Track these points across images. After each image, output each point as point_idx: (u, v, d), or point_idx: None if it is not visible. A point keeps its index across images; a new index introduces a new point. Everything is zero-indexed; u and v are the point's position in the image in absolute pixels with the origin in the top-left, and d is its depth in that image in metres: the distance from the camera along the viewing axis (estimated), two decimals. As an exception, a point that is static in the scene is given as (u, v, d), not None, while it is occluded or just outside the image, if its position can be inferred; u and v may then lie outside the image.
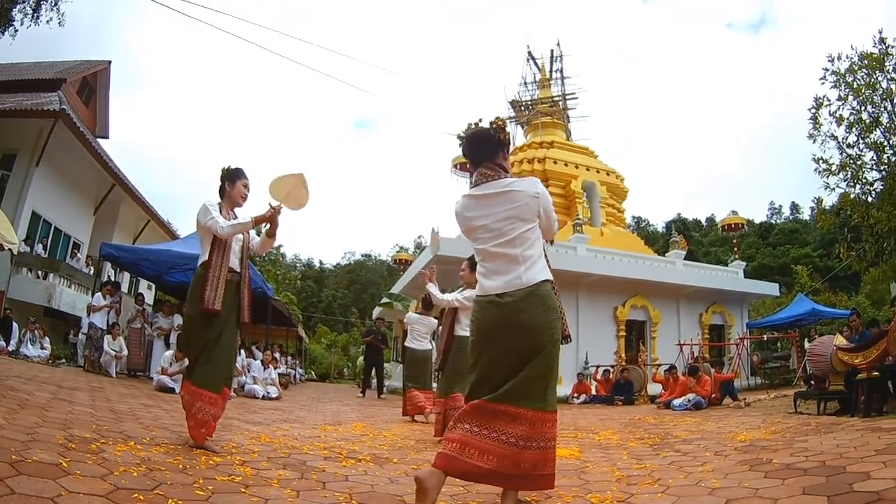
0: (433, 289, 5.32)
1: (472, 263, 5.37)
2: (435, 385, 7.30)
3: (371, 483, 3.18)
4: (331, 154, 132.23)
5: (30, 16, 14.73)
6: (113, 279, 14.44)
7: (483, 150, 2.83)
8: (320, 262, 72.47)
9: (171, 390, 8.41)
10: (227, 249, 3.90)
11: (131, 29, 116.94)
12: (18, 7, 14.54)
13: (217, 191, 4.17)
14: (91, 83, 19.96)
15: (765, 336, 19.14)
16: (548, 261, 2.81)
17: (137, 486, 2.47)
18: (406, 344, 8.17)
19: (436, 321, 6.90)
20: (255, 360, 11.76)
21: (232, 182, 4.12)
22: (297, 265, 64.66)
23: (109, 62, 20.64)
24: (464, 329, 5.61)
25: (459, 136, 2.91)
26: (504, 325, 2.61)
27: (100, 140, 19.54)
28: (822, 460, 3.48)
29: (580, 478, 3.52)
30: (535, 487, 2.69)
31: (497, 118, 2.92)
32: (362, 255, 73.66)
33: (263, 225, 3.94)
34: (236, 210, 4.12)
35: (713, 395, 10.41)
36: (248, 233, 4.10)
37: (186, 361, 9.16)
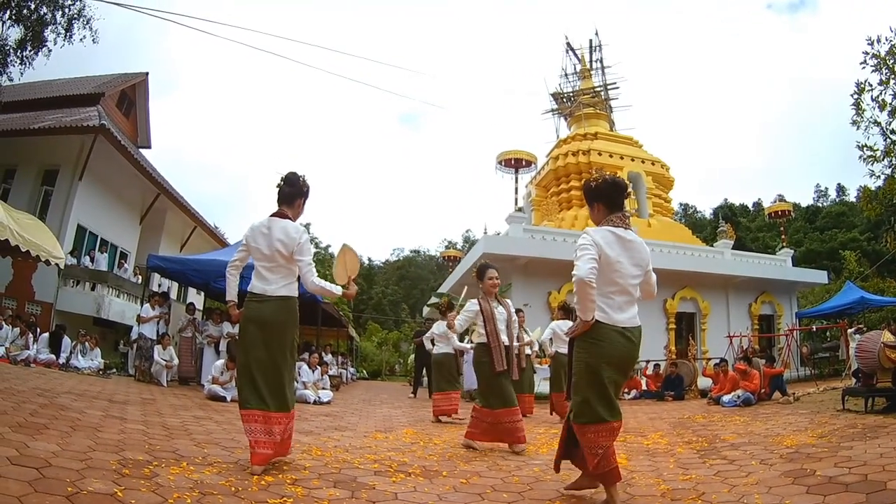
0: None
1: (479, 272, 5.63)
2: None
3: (420, 501, 3.21)
4: (376, 151, 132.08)
5: (63, 35, 14.90)
6: (161, 289, 14.71)
7: (620, 199, 3.37)
8: (369, 260, 71.90)
9: (223, 399, 8.54)
10: None
11: (163, 38, 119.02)
12: (51, 27, 14.75)
13: (282, 194, 3.93)
14: (130, 95, 20.40)
15: (814, 326, 18.70)
16: None
17: (193, 515, 2.52)
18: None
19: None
20: (303, 363, 11.82)
21: (307, 198, 4.00)
22: (346, 264, 64.51)
23: (147, 74, 21.06)
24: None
25: (603, 177, 3.40)
26: (628, 353, 3.21)
27: (142, 150, 19.96)
28: (865, 473, 3.54)
29: (626, 492, 3.48)
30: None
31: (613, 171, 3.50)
32: (411, 251, 73.75)
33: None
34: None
35: (762, 391, 10.16)
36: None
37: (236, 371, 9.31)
